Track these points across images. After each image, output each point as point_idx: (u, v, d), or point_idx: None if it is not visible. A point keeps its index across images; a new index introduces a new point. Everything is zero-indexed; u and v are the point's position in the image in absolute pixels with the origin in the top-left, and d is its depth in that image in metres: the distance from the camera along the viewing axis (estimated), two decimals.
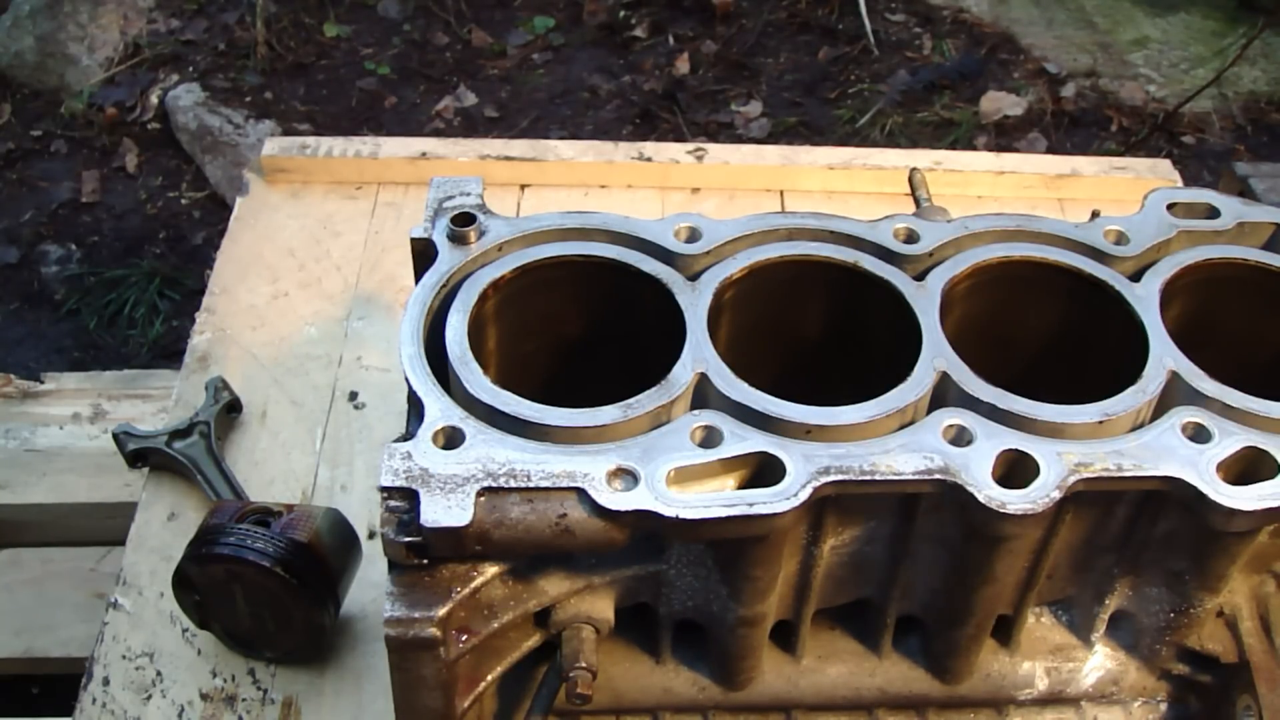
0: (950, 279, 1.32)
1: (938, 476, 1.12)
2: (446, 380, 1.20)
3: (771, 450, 1.12)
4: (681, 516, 1.07)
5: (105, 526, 2.13)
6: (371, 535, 1.71)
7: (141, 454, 1.86)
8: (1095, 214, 1.44)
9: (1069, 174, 2.44)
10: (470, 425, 1.13)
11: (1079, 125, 4.24)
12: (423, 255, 1.33)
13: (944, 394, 1.22)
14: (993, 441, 1.15)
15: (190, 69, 4.31)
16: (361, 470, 1.88)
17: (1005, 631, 1.39)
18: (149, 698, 1.59)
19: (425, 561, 1.10)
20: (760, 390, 1.17)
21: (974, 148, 4.01)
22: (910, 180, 1.59)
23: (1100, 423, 1.18)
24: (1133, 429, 1.20)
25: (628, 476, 1.09)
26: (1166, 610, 1.34)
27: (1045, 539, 1.25)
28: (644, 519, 1.08)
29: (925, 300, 1.29)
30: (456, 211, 1.34)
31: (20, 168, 4.06)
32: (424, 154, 2.40)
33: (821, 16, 4.61)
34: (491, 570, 1.14)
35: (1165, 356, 1.25)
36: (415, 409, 1.17)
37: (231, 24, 4.49)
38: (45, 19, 4.30)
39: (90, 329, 3.59)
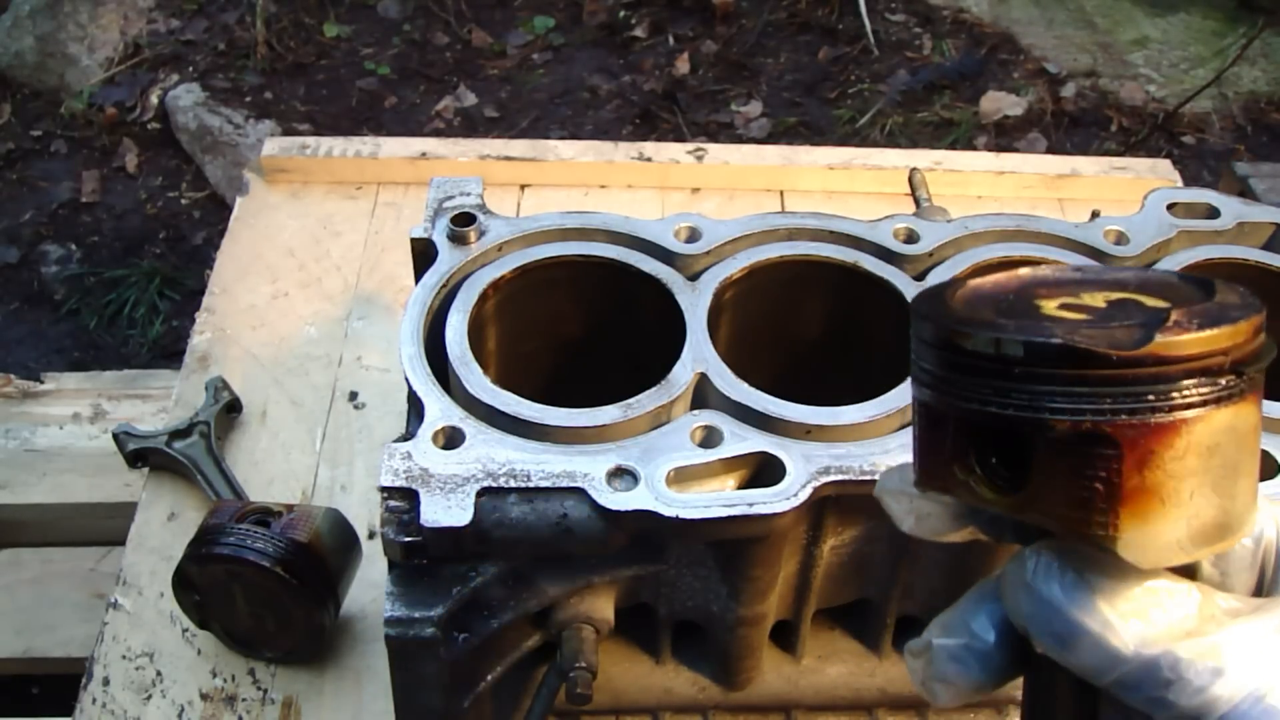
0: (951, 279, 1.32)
1: None
2: (446, 380, 1.19)
3: (771, 450, 1.12)
4: (681, 516, 1.07)
5: (105, 526, 2.13)
6: (371, 535, 1.71)
7: (141, 454, 1.86)
8: (1095, 214, 1.44)
9: (1069, 174, 2.43)
10: (470, 425, 1.13)
11: (1079, 125, 4.24)
12: (423, 255, 1.33)
13: None
14: None
15: (190, 69, 4.31)
16: (361, 470, 1.88)
17: None
18: (149, 698, 1.59)
19: (425, 561, 1.10)
20: (760, 390, 1.17)
21: (974, 148, 4.01)
22: (910, 180, 1.59)
23: None
24: None
25: (628, 476, 1.09)
26: None
27: None
28: (644, 519, 1.07)
29: None
30: (456, 211, 1.34)
31: (20, 168, 4.06)
32: (424, 154, 2.40)
33: (821, 16, 4.61)
34: (491, 570, 1.14)
35: None
36: (415, 409, 1.16)
37: (231, 24, 4.49)
38: (45, 19, 4.30)
39: (90, 329, 3.59)
